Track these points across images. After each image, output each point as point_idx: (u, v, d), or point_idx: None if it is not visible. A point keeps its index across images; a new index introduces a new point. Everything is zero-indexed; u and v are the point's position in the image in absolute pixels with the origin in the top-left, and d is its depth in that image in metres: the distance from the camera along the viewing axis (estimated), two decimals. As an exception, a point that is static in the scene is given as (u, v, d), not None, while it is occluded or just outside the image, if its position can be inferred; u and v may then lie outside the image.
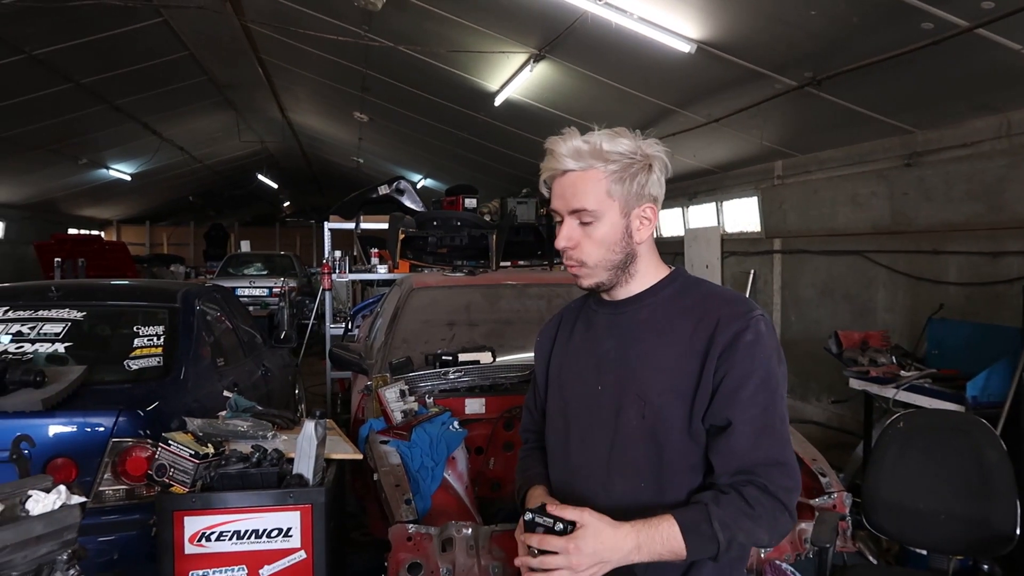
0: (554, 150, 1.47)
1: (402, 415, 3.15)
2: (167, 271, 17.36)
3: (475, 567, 2.38)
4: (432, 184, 16.39)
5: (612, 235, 1.48)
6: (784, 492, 1.39)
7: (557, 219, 1.53)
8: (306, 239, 26.72)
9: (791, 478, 1.41)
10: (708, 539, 1.34)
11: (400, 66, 8.46)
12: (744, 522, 1.36)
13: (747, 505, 1.36)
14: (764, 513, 1.37)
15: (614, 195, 1.46)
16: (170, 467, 2.34)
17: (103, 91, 10.23)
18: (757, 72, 5.36)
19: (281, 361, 5.60)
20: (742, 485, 1.38)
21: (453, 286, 4.63)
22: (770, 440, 1.41)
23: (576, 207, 1.47)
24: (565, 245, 1.50)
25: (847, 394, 5.49)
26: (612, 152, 1.45)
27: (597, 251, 1.49)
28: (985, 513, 2.69)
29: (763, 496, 1.37)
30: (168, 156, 15.29)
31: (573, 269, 1.53)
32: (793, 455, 1.45)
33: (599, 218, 1.47)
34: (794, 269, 7.30)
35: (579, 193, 1.46)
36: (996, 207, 4.81)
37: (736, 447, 1.40)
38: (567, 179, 1.47)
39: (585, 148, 1.44)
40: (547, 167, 1.50)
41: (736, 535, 1.35)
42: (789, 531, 1.44)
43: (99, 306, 4.08)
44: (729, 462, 1.41)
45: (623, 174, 1.46)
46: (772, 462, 1.40)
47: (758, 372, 1.41)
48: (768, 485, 1.38)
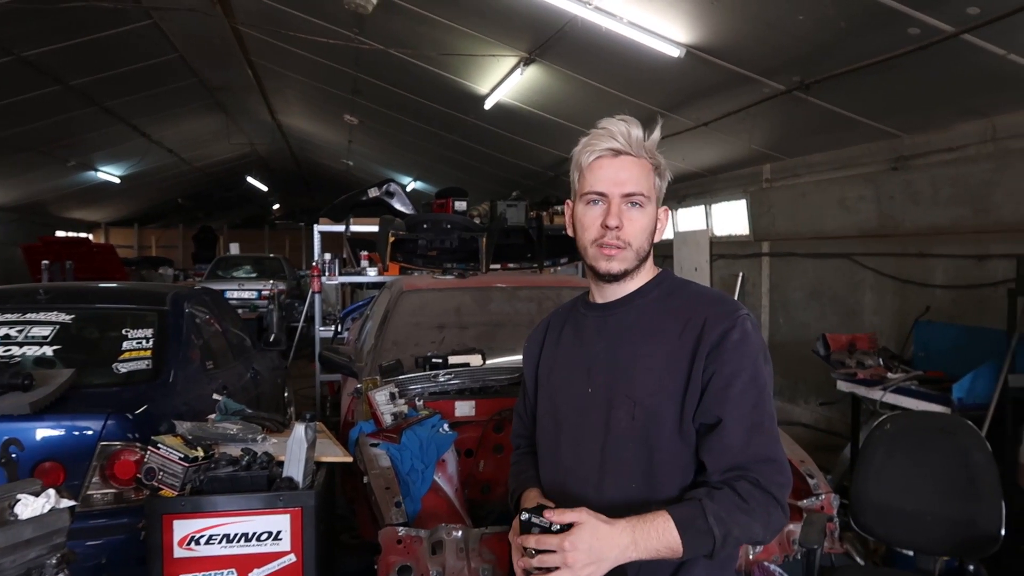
0: (612, 130, 1.50)
1: (392, 418, 3.15)
2: (156, 274, 17.25)
3: (465, 569, 2.38)
4: (422, 187, 16.38)
5: (650, 225, 1.55)
6: (776, 488, 1.40)
7: (596, 200, 1.52)
8: (296, 242, 26.61)
9: (782, 474, 1.43)
10: (704, 534, 1.34)
11: (390, 69, 8.46)
12: (739, 516, 1.36)
13: (741, 499, 1.37)
14: (758, 507, 1.37)
15: (655, 188, 1.54)
16: (159, 470, 2.34)
17: (93, 93, 10.18)
18: (745, 76, 5.39)
19: (270, 364, 5.58)
20: (734, 480, 1.39)
21: (443, 289, 4.63)
22: (760, 437, 1.42)
23: (633, 190, 1.50)
24: (616, 224, 1.50)
25: (835, 396, 5.53)
26: (655, 150, 1.54)
27: (640, 236, 1.53)
28: (971, 514, 2.72)
29: (756, 491, 1.38)
30: (157, 158, 15.22)
31: (613, 251, 1.51)
32: (782, 451, 1.46)
33: (646, 205, 1.52)
34: (782, 272, 7.34)
35: (636, 177, 1.51)
36: (982, 211, 4.86)
37: (728, 444, 1.41)
38: (621, 162, 1.51)
39: (643, 139, 1.52)
40: (598, 146, 1.51)
41: (731, 529, 1.35)
42: (783, 527, 1.44)
43: (87, 309, 4.06)
44: (721, 459, 1.42)
45: (660, 171, 1.55)
46: (763, 459, 1.41)
47: (747, 370, 1.43)
48: (760, 480, 1.39)
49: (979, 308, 4.89)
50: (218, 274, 14.68)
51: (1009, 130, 4.63)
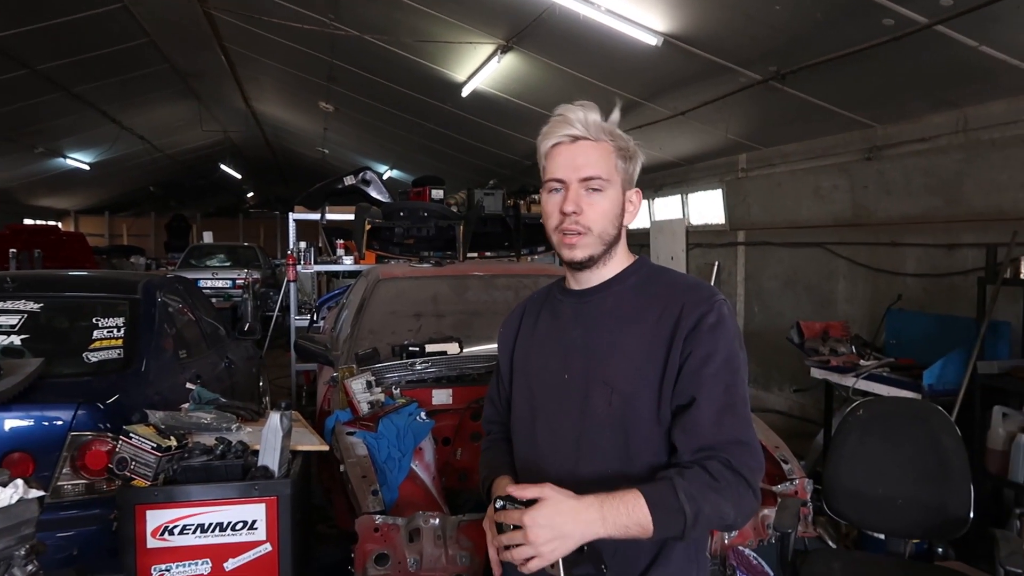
0: (569, 116, 1.50)
1: (368, 406, 3.13)
2: (127, 262, 16.98)
3: (443, 557, 2.38)
4: (399, 175, 16.28)
5: (614, 208, 1.52)
6: (748, 470, 1.39)
7: (556, 188, 1.52)
8: (271, 230, 26.33)
9: (754, 458, 1.42)
10: (675, 512, 1.33)
11: (366, 56, 8.37)
12: (710, 495, 1.35)
13: (712, 478, 1.36)
14: (728, 487, 1.36)
15: (619, 170, 1.52)
16: (131, 460, 2.30)
17: (61, 78, 9.97)
18: (722, 66, 5.41)
19: (245, 353, 5.53)
20: (705, 460, 1.39)
21: (420, 277, 4.61)
22: (733, 419, 1.42)
23: (590, 174, 1.49)
24: (573, 209, 1.49)
25: (808, 383, 5.60)
26: (616, 132, 1.52)
27: (601, 220, 1.51)
28: (941, 498, 2.77)
29: (727, 471, 1.37)
30: (128, 145, 14.96)
31: (573, 239, 1.51)
32: (755, 435, 1.45)
33: (607, 188, 1.50)
34: (758, 261, 7.41)
35: (593, 161, 1.49)
36: (953, 200, 4.93)
37: (699, 424, 1.41)
38: (579, 147, 1.50)
39: (601, 122, 1.51)
40: (556, 132, 1.51)
41: (702, 507, 1.34)
42: (755, 511, 1.43)
43: (57, 297, 3.99)
44: (692, 439, 1.41)
45: (625, 153, 1.53)
46: (735, 441, 1.40)
47: (721, 352, 1.43)
48: (732, 461, 1.38)
49: (949, 296, 4.98)
50: (191, 263, 14.49)
51: (980, 121, 4.69)
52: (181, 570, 2.30)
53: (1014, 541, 2.56)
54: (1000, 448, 3.88)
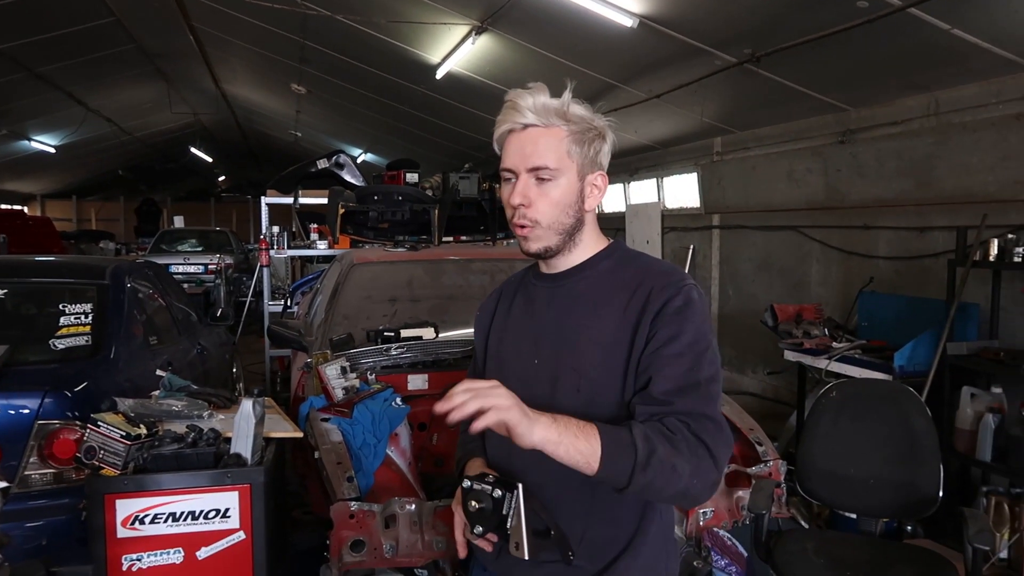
0: (517, 103, 1.44)
1: (343, 392, 3.10)
2: (96, 247, 16.70)
3: (419, 543, 2.37)
4: (373, 159, 16.13)
5: (567, 197, 1.46)
6: (708, 436, 1.33)
7: (509, 177, 1.48)
8: (243, 214, 26.02)
9: (718, 430, 1.36)
10: (626, 447, 1.28)
11: (339, 36, 8.25)
12: (664, 443, 1.30)
13: (667, 430, 1.32)
14: (685, 444, 1.31)
15: (573, 156, 1.45)
16: (100, 449, 2.26)
17: (23, 58, 9.70)
18: (698, 48, 5.39)
19: (218, 339, 5.47)
20: (663, 416, 1.34)
21: (395, 261, 4.57)
22: (695, 395, 1.36)
23: (537, 164, 1.44)
24: (520, 202, 1.45)
25: (782, 365, 5.65)
26: (575, 114, 1.45)
27: (552, 211, 1.46)
28: (911, 477, 2.81)
29: (685, 430, 1.32)
30: (95, 128, 14.64)
31: (524, 231, 1.48)
32: (721, 414, 1.40)
33: (557, 177, 1.45)
34: (732, 244, 7.45)
35: (541, 149, 1.44)
36: (924, 184, 4.98)
37: (654, 396, 1.36)
38: (528, 135, 1.45)
39: (551, 105, 1.43)
40: (506, 120, 1.46)
41: (656, 449, 1.28)
42: (714, 478, 1.35)
43: (22, 283, 3.90)
44: (646, 409, 1.36)
45: (583, 136, 1.46)
46: (699, 414, 1.35)
47: (687, 334, 1.39)
48: (691, 424, 1.33)
49: (920, 278, 5.04)
50: (162, 248, 14.31)
51: (951, 104, 4.74)
52: (152, 559, 2.27)
53: (981, 519, 2.60)
54: (968, 428, 3.95)
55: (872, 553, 2.80)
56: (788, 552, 2.73)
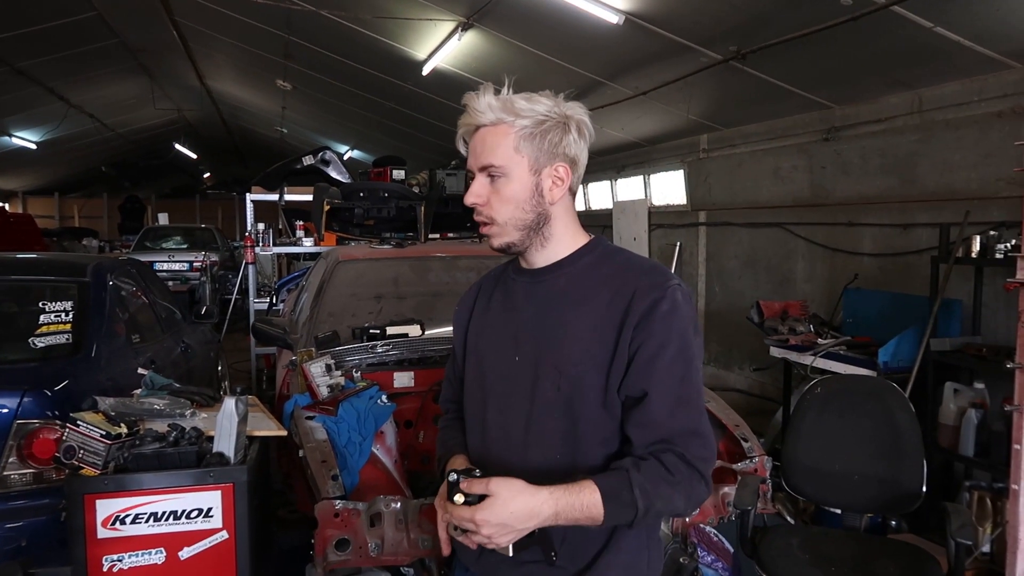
0: (468, 104, 1.46)
1: (328, 390, 3.08)
2: (79, 245, 16.55)
3: (404, 541, 2.36)
4: (359, 155, 16.06)
5: (521, 193, 1.46)
6: (701, 462, 1.39)
7: (470, 175, 1.50)
8: (228, 211, 25.81)
9: (707, 448, 1.41)
10: (627, 505, 1.33)
11: (324, 32, 8.19)
12: (663, 488, 1.35)
13: (667, 471, 1.36)
14: (683, 480, 1.37)
15: (522, 151, 1.45)
16: (79, 449, 2.23)
17: (3, 53, 9.57)
18: (684, 45, 5.40)
19: (203, 337, 5.42)
20: (661, 453, 1.38)
21: (380, 259, 4.55)
22: (686, 410, 1.40)
23: (484, 162, 1.46)
24: (474, 201, 1.48)
25: (768, 362, 5.68)
26: (524, 108, 1.44)
27: (506, 208, 1.47)
28: (895, 473, 2.83)
29: (682, 464, 1.37)
30: (77, 124, 14.47)
31: (484, 228, 1.51)
32: (708, 425, 1.44)
33: (507, 174, 1.45)
34: (718, 241, 7.47)
35: (488, 148, 1.45)
36: (908, 181, 5.01)
37: (653, 418, 1.39)
38: (479, 134, 1.47)
39: (496, 103, 1.44)
40: (463, 123, 1.49)
41: (654, 502, 1.35)
42: (705, 499, 1.44)
43: (1, 281, 3.85)
44: (647, 434, 1.40)
45: (534, 130, 1.45)
46: (689, 432, 1.39)
47: (675, 342, 1.40)
48: (686, 454, 1.38)
49: (904, 275, 5.07)
50: (146, 245, 14.18)
51: (934, 102, 4.76)
52: (134, 560, 2.24)
53: (964, 514, 2.62)
54: (951, 423, 3.98)
55: (856, 548, 2.81)
56: (773, 547, 2.74)
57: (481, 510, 1.30)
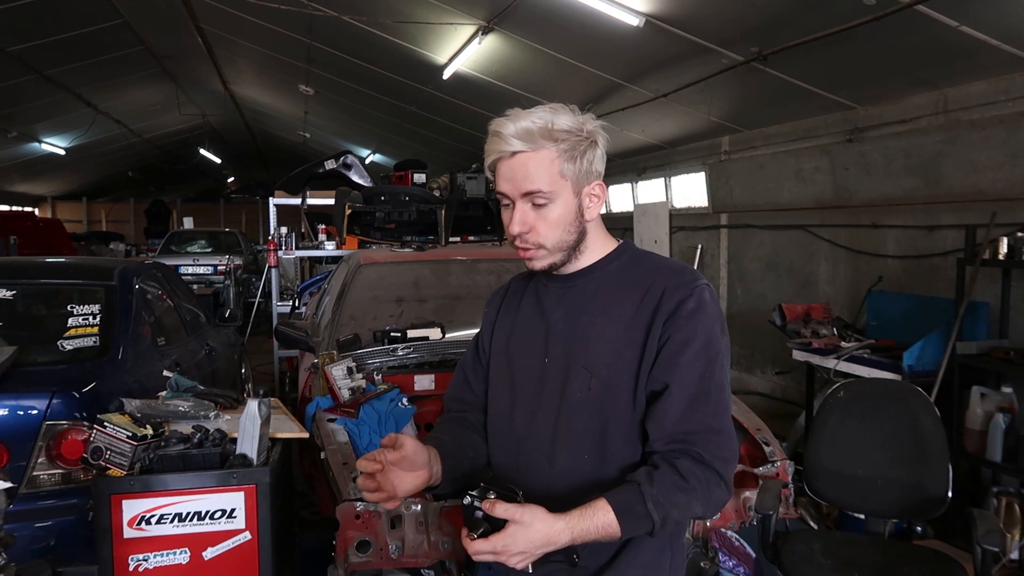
0: (500, 132, 1.41)
1: (349, 392, 3.11)
2: (106, 249, 16.77)
3: (424, 543, 2.37)
4: (381, 159, 16.15)
5: (567, 216, 1.46)
6: (720, 462, 1.38)
7: (505, 203, 1.48)
8: (252, 215, 26.13)
9: (728, 447, 1.40)
10: (642, 519, 1.33)
11: (345, 37, 8.26)
12: (678, 497, 1.34)
13: (681, 479, 1.35)
14: (698, 485, 1.35)
15: (567, 175, 1.43)
16: (106, 450, 2.26)
17: (32, 60, 9.75)
18: (704, 47, 5.38)
19: (227, 340, 5.48)
20: (676, 457, 1.37)
21: (401, 262, 4.58)
22: (706, 407, 1.40)
23: (529, 189, 1.42)
24: (520, 231, 1.45)
25: (790, 365, 5.63)
26: (560, 131, 1.41)
27: (553, 233, 1.46)
28: (919, 478, 2.79)
29: (697, 467, 1.36)
30: (104, 129, 14.71)
31: (528, 253, 1.49)
32: (731, 424, 1.44)
33: (554, 199, 1.43)
34: (740, 243, 7.42)
35: (531, 175, 1.42)
36: (932, 182, 4.95)
37: (670, 412, 1.39)
38: (517, 161, 1.42)
39: (534, 128, 1.40)
40: (493, 149, 1.44)
41: (670, 513, 1.34)
42: (725, 502, 1.42)
43: (31, 284, 3.93)
44: (663, 427, 1.40)
45: (573, 152, 1.43)
46: (707, 429, 1.39)
47: (699, 338, 1.41)
48: (704, 455, 1.37)
49: (929, 277, 5.00)
50: (172, 249, 14.35)
51: (959, 102, 4.70)
52: (159, 560, 2.28)
53: (991, 519, 2.58)
54: (978, 428, 3.92)
55: (880, 554, 2.78)
56: (795, 553, 2.72)
57: (500, 539, 1.28)
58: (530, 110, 1.43)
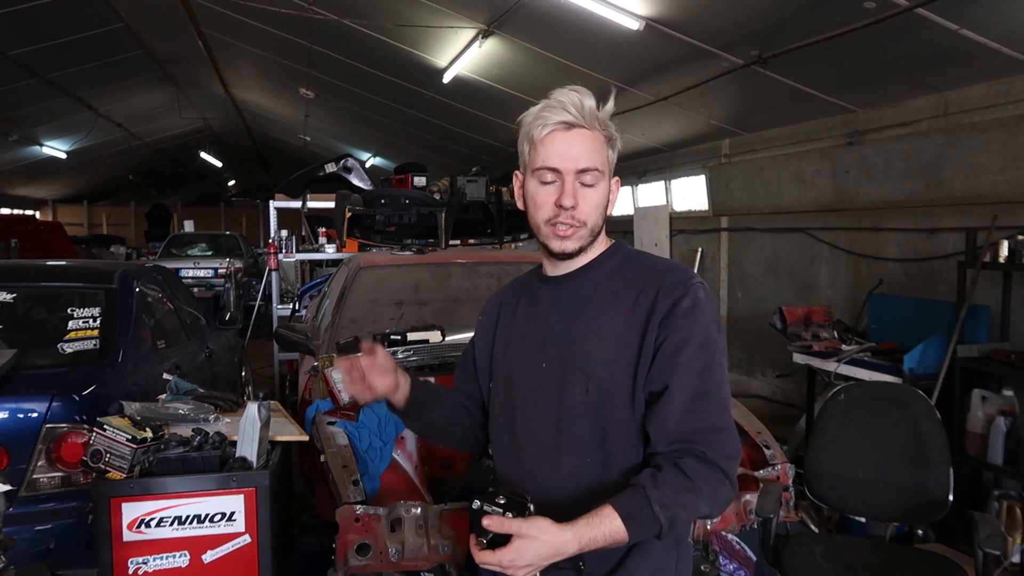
0: (564, 102, 1.43)
1: (349, 395, 3.10)
2: (107, 252, 16.80)
3: (424, 546, 2.36)
4: (381, 163, 16.16)
5: (603, 199, 1.49)
6: (724, 460, 1.38)
7: (552, 179, 1.46)
8: (252, 218, 26.12)
9: (730, 445, 1.40)
10: (650, 522, 1.32)
11: (346, 41, 8.27)
12: (684, 497, 1.34)
13: (686, 478, 1.34)
14: (704, 484, 1.35)
15: (609, 161, 1.49)
16: (106, 452, 2.26)
17: (33, 64, 9.76)
18: (704, 50, 5.38)
19: (227, 343, 5.48)
20: (680, 456, 1.36)
21: (401, 265, 4.57)
22: (707, 405, 1.39)
23: (587, 166, 1.44)
24: (572, 204, 1.44)
25: (791, 368, 5.62)
26: (607, 121, 1.48)
27: (594, 213, 1.48)
28: (921, 481, 2.78)
29: (702, 466, 1.35)
30: (105, 133, 14.73)
31: (568, 231, 1.47)
32: (731, 421, 1.43)
33: (600, 180, 1.47)
34: (740, 247, 7.42)
35: (590, 152, 1.44)
36: (933, 185, 4.95)
37: (672, 412, 1.39)
38: (574, 135, 1.44)
39: (596, 111, 1.46)
40: (551, 119, 1.44)
41: (677, 514, 1.33)
42: (731, 500, 1.42)
43: (31, 287, 3.93)
44: (665, 428, 1.39)
45: (612, 141, 1.49)
46: (710, 428, 1.38)
47: (696, 337, 1.40)
48: (707, 453, 1.36)
49: (930, 280, 5.00)
50: (172, 252, 14.36)
51: (960, 105, 4.70)
52: (158, 563, 2.27)
53: (992, 523, 2.58)
54: (979, 431, 3.92)
55: (881, 557, 2.77)
56: (796, 556, 2.71)
57: (507, 553, 1.28)
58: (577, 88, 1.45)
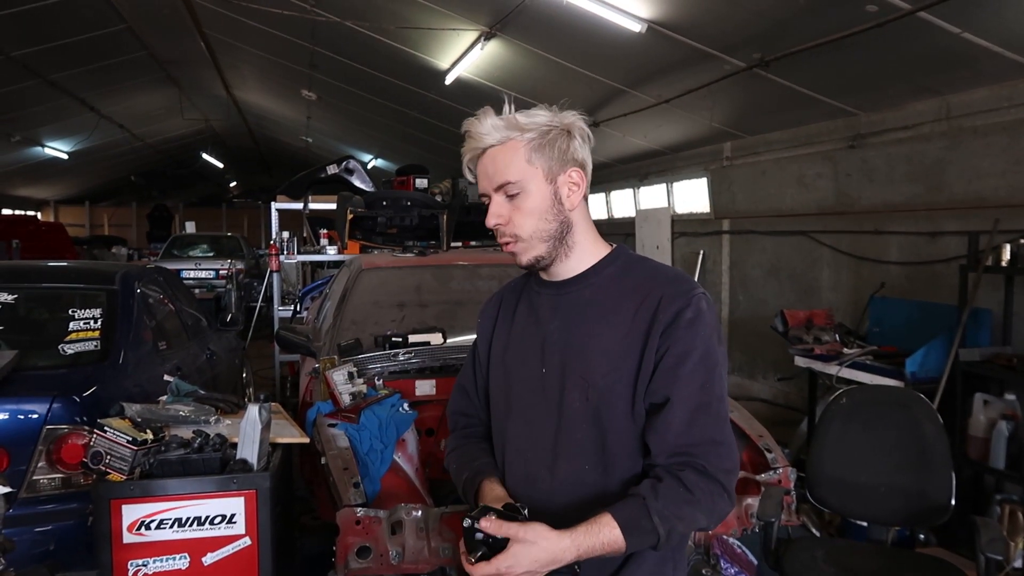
0: (471, 130, 1.47)
1: (350, 397, 3.10)
2: (108, 253, 16.81)
3: (425, 549, 2.35)
4: (383, 164, 16.17)
5: (541, 203, 1.46)
6: (723, 474, 1.38)
7: (485, 200, 1.50)
8: (254, 220, 26.15)
9: (729, 459, 1.40)
10: (648, 533, 1.32)
11: (348, 43, 8.28)
12: (683, 509, 1.34)
13: (686, 490, 1.34)
14: (703, 497, 1.35)
15: (535, 162, 1.45)
16: (106, 454, 2.26)
17: (36, 65, 9.78)
18: (707, 53, 5.38)
19: (228, 344, 5.48)
20: (680, 469, 1.36)
21: (403, 267, 4.57)
22: (707, 419, 1.39)
23: (500, 181, 1.46)
24: (496, 222, 1.48)
25: (792, 371, 5.62)
26: (527, 122, 1.45)
27: (529, 222, 1.46)
28: (922, 485, 2.78)
29: (702, 480, 1.36)
30: (107, 134, 14.75)
31: (509, 247, 1.50)
32: (731, 434, 1.43)
33: (525, 188, 1.45)
34: (742, 249, 7.42)
35: (500, 166, 1.45)
36: (935, 188, 4.94)
37: (672, 424, 1.38)
38: (488, 156, 1.47)
39: (500, 122, 1.45)
40: (468, 148, 1.49)
41: (675, 526, 1.34)
42: (728, 512, 1.42)
43: (32, 288, 3.92)
44: (665, 441, 1.39)
45: (541, 141, 1.45)
46: (709, 441, 1.38)
47: (698, 349, 1.40)
48: (707, 467, 1.36)
49: (931, 284, 5.00)
50: (174, 253, 14.38)
51: (962, 108, 4.70)
52: (158, 565, 2.26)
53: (994, 527, 2.57)
54: (981, 435, 3.91)
55: (883, 561, 2.76)
56: (798, 560, 2.71)
57: (505, 559, 1.28)
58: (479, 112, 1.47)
